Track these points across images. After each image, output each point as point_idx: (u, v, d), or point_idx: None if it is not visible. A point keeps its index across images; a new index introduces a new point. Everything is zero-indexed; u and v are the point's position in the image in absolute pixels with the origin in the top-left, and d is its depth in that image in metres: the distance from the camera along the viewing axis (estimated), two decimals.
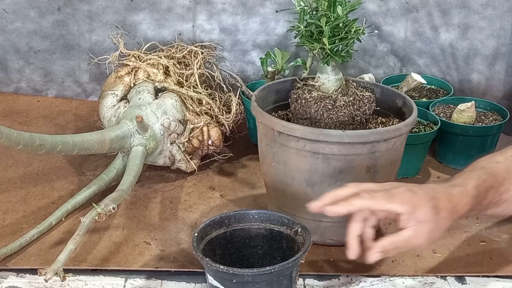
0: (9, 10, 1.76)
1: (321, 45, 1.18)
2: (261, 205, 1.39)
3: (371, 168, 1.19)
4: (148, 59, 1.54)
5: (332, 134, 1.16)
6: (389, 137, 1.18)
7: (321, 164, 1.19)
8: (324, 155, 1.18)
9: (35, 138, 1.18)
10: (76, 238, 1.14)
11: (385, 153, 1.19)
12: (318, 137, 1.16)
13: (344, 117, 1.22)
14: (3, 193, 1.41)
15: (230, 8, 1.73)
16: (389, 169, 1.23)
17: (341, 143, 1.16)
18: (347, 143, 1.16)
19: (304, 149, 1.18)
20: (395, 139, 1.19)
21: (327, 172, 1.19)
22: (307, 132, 1.17)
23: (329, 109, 1.22)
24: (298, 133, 1.18)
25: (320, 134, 1.17)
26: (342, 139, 1.16)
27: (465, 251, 1.26)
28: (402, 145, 1.24)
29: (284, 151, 1.21)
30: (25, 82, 1.83)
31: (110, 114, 1.50)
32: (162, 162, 1.47)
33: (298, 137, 1.18)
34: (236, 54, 1.77)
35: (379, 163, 1.19)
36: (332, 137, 1.16)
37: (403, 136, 1.22)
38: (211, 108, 1.52)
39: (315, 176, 1.20)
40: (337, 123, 1.22)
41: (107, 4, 1.74)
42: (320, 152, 1.18)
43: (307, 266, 1.21)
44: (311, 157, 1.18)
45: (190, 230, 1.31)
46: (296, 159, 1.20)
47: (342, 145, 1.16)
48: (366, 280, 1.19)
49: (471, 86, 1.73)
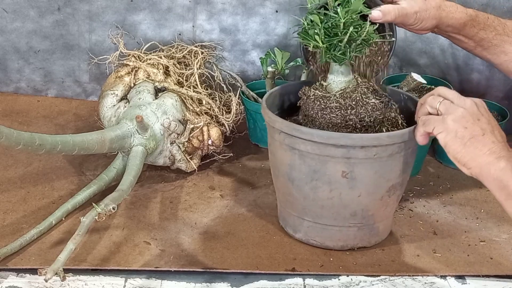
0: (9, 10, 1.76)
1: (315, 43, 1.18)
2: (261, 205, 1.39)
3: (348, 173, 1.18)
4: (148, 59, 1.54)
5: (304, 131, 1.18)
6: (365, 145, 1.15)
7: (298, 160, 1.20)
8: (300, 152, 1.19)
9: (35, 138, 1.18)
10: (76, 238, 1.14)
11: (364, 161, 1.17)
12: (292, 132, 1.18)
13: (336, 119, 1.21)
14: (3, 193, 1.41)
15: (230, 8, 1.73)
16: (374, 180, 1.19)
17: (313, 142, 1.17)
18: (319, 142, 1.17)
19: (284, 143, 1.20)
20: (376, 148, 1.15)
21: (303, 170, 1.20)
22: (284, 125, 1.20)
23: (322, 109, 1.21)
24: (277, 125, 1.21)
25: (293, 129, 1.18)
26: (313, 137, 1.17)
27: (465, 251, 1.27)
28: (395, 158, 1.19)
29: (272, 142, 1.25)
30: (25, 82, 1.83)
31: (110, 114, 1.50)
32: (162, 162, 1.47)
33: (279, 130, 1.20)
34: (236, 54, 1.77)
35: (357, 170, 1.17)
36: (304, 134, 1.17)
37: (388, 147, 1.16)
38: (211, 108, 1.52)
39: (293, 171, 1.22)
40: (330, 124, 1.21)
41: (107, 4, 1.74)
42: (297, 148, 1.19)
43: (307, 266, 1.21)
44: (290, 152, 1.20)
45: (190, 230, 1.31)
46: (280, 152, 1.22)
47: (314, 144, 1.17)
48: (366, 280, 1.19)
49: (471, 86, 1.73)
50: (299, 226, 1.27)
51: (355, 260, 1.23)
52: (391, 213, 1.29)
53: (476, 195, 1.44)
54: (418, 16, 1.28)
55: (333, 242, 1.26)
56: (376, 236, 1.27)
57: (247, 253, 1.24)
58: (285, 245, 1.27)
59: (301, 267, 1.21)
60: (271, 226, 1.32)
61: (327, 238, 1.26)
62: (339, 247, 1.26)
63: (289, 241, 1.28)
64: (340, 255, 1.24)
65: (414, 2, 1.28)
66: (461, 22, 1.34)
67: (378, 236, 1.27)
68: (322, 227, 1.25)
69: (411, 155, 1.22)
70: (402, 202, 1.39)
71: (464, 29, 1.35)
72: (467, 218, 1.36)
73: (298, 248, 1.26)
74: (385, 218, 1.27)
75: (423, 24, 1.30)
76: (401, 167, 1.20)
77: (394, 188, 1.22)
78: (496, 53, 1.38)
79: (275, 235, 1.30)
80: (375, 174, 1.18)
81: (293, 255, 1.24)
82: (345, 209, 1.22)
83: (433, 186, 1.48)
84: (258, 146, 1.62)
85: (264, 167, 1.53)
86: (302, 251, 1.25)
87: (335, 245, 1.26)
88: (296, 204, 1.25)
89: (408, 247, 1.27)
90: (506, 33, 1.37)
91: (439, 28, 1.34)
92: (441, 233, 1.32)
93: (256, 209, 1.38)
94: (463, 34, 1.36)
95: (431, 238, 1.30)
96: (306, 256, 1.24)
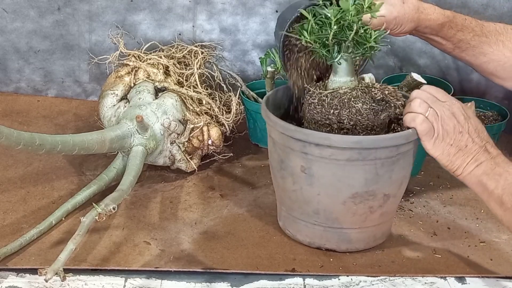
0: (9, 10, 1.76)
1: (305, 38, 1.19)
2: (261, 205, 1.39)
3: (306, 169, 1.19)
4: (148, 59, 1.54)
5: (271, 118, 1.21)
6: (318, 143, 1.15)
7: (272, 147, 1.24)
8: (273, 140, 1.23)
9: (35, 138, 1.18)
10: (76, 238, 1.14)
11: (320, 160, 1.16)
12: (266, 119, 1.22)
13: (317, 116, 1.21)
14: (3, 193, 1.41)
15: (230, 8, 1.73)
16: (333, 182, 1.18)
17: (278, 132, 1.20)
18: (281, 133, 1.19)
19: (266, 127, 1.24)
20: (330, 149, 1.14)
21: (275, 158, 1.23)
22: (262, 110, 1.24)
23: (309, 104, 1.22)
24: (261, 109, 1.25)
25: (266, 116, 1.22)
26: (276, 126, 1.20)
27: (465, 252, 1.26)
28: (356, 165, 1.16)
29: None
30: (25, 82, 1.83)
31: (110, 114, 1.50)
32: (162, 162, 1.47)
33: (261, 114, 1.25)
34: (236, 54, 1.77)
35: (314, 167, 1.18)
36: (271, 122, 1.21)
37: (346, 151, 1.14)
38: (211, 108, 1.52)
39: (271, 158, 1.26)
40: (312, 119, 1.22)
41: (107, 4, 1.74)
42: (271, 135, 1.23)
43: (307, 266, 1.21)
44: (269, 138, 1.25)
45: (190, 230, 1.31)
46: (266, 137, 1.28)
47: (279, 134, 1.20)
48: (366, 280, 1.19)
49: (471, 86, 1.73)
50: (280, 214, 1.31)
51: (355, 261, 1.23)
52: (368, 224, 1.23)
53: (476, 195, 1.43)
54: (397, 21, 1.29)
55: (302, 237, 1.27)
56: (347, 243, 1.25)
57: (247, 253, 1.24)
58: (285, 245, 1.27)
59: (301, 268, 1.21)
60: (271, 226, 1.32)
61: (297, 231, 1.28)
62: (306, 242, 1.27)
63: (289, 241, 1.28)
64: (340, 255, 1.24)
65: (393, 8, 1.28)
66: (439, 24, 1.34)
67: (350, 243, 1.25)
68: (293, 219, 1.27)
69: (382, 167, 1.17)
70: (402, 202, 1.39)
71: (442, 30, 1.35)
72: (467, 219, 1.36)
73: (298, 248, 1.26)
74: (358, 227, 1.23)
75: (402, 28, 1.31)
76: (366, 176, 1.17)
77: (361, 197, 1.19)
78: (474, 54, 1.38)
79: (275, 235, 1.30)
80: (333, 176, 1.18)
81: (293, 255, 1.24)
82: (307, 205, 1.22)
83: (433, 186, 1.48)
84: (258, 146, 1.62)
85: (264, 167, 1.53)
86: (302, 251, 1.25)
87: (303, 240, 1.27)
88: (276, 192, 1.30)
89: (408, 248, 1.27)
90: (484, 34, 1.37)
91: (417, 30, 1.34)
92: (441, 233, 1.32)
93: (256, 209, 1.38)
94: (441, 36, 1.36)
95: (431, 239, 1.30)
96: (306, 257, 1.24)
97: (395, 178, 1.20)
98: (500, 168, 1.14)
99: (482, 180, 1.14)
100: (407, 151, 1.19)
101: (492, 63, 1.38)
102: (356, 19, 1.15)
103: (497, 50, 1.37)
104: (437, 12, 1.34)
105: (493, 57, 1.37)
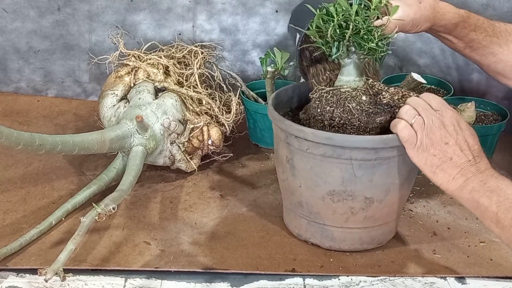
0: (9, 10, 1.76)
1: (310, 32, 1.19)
2: (261, 205, 1.39)
3: (289, 160, 1.20)
4: (148, 59, 1.54)
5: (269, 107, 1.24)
6: (296, 134, 1.18)
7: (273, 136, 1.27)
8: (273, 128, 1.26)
9: (35, 138, 1.18)
10: (76, 238, 1.14)
11: (299, 152, 1.19)
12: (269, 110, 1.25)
13: (313, 111, 1.21)
14: (3, 193, 1.41)
15: (230, 8, 1.73)
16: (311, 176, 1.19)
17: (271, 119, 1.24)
18: (272, 121, 1.24)
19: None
20: (307, 142, 1.16)
21: (274, 146, 1.28)
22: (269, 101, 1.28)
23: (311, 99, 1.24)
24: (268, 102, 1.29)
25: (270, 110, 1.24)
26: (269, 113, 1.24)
27: (465, 252, 1.26)
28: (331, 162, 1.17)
29: None
30: (25, 82, 1.83)
31: (110, 114, 1.50)
32: (162, 162, 1.47)
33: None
34: (236, 54, 1.77)
35: (296, 159, 1.20)
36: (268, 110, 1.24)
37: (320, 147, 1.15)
38: (211, 108, 1.52)
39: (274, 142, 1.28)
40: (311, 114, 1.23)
41: (107, 4, 1.74)
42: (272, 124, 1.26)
43: (307, 266, 1.21)
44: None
45: (190, 230, 1.31)
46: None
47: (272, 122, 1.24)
48: (366, 280, 1.19)
49: (471, 86, 1.73)
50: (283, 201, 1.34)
51: (355, 261, 1.23)
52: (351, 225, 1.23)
53: None
54: (414, 22, 1.28)
55: (291, 227, 1.30)
56: (330, 240, 1.25)
57: (247, 253, 1.24)
58: (285, 245, 1.27)
59: (301, 268, 1.21)
60: (271, 226, 1.32)
61: (288, 221, 1.31)
62: (295, 233, 1.29)
63: (289, 242, 1.28)
64: (340, 256, 1.24)
65: (409, 9, 1.27)
66: (453, 23, 1.34)
67: (334, 241, 1.25)
68: (286, 209, 1.31)
69: (360, 168, 1.17)
70: None
71: (456, 29, 1.35)
72: (467, 219, 1.36)
73: (298, 248, 1.26)
74: (340, 226, 1.23)
75: (418, 28, 1.30)
76: (342, 175, 1.17)
77: (339, 195, 1.19)
78: (484, 54, 1.38)
79: (275, 235, 1.30)
80: (311, 170, 1.19)
81: (293, 255, 1.24)
82: (292, 196, 1.24)
83: (433, 186, 1.45)
84: (258, 146, 1.62)
85: (264, 167, 1.53)
86: (302, 251, 1.25)
87: (293, 230, 1.29)
88: None
89: (408, 248, 1.27)
90: (495, 34, 1.37)
91: (431, 28, 1.34)
92: (441, 233, 1.32)
93: (256, 209, 1.38)
94: (454, 35, 1.36)
95: (431, 239, 1.30)
96: (306, 257, 1.24)
97: (378, 183, 1.18)
98: (491, 183, 1.09)
99: (474, 196, 1.10)
100: (390, 157, 1.17)
101: (501, 63, 1.38)
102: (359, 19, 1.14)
103: (507, 51, 1.37)
104: (453, 11, 1.34)
105: (502, 57, 1.37)
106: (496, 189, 1.09)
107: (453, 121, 1.13)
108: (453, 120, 1.13)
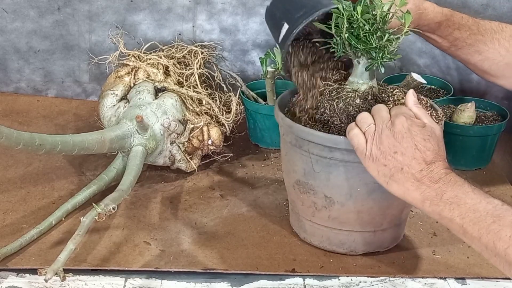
0: (9, 10, 1.76)
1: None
2: (261, 205, 1.39)
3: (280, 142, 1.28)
4: (148, 59, 1.54)
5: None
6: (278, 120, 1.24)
7: None
8: None
9: (35, 138, 1.18)
10: (76, 238, 1.14)
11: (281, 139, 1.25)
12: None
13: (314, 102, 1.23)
14: (3, 193, 1.41)
15: (230, 8, 1.73)
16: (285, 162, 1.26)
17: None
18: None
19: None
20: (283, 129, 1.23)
21: None
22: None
23: None
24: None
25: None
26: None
27: (465, 253, 1.26)
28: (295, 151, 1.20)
29: None
30: (25, 82, 1.83)
31: (110, 114, 1.50)
32: (162, 162, 1.47)
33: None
34: (236, 54, 1.77)
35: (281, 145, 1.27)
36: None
37: (289, 134, 1.20)
38: (211, 108, 1.52)
39: None
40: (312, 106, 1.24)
41: (107, 4, 1.74)
42: None
43: (307, 267, 1.21)
44: None
45: (190, 230, 1.31)
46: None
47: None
48: (366, 281, 1.19)
49: (471, 86, 1.73)
50: None
51: (355, 262, 1.23)
52: (317, 220, 1.23)
53: None
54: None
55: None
56: (303, 232, 1.27)
57: (247, 253, 1.24)
58: (285, 245, 1.27)
59: (301, 268, 1.21)
60: (271, 226, 1.32)
61: None
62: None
63: (289, 242, 1.28)
64: (340, 256, 1.24)
65: None
66: (436, 22, 1.33)
67: (306, 234, 1.26)
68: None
69: (317, 164, 1.17)
70: None
71: (439, 28, 1.34)
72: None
73: (298, 248, 1.26)
74: (309, 220, 1.24)
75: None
76: (304, 166, 1.19)
77: (303, 187, 1.21)
78: (470, 53, 1.37)
79: (275, 236, 1.30)
80: (286, 155, 1.25)
81: (293, 255, 1.24)
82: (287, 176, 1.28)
83: None
84: (258, 146, 1.62)
85: (264, 167, 1.53)
86: (302, 251, 1.25)
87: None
88: None
89: (408, 248, 1.27)
90: (480, 32, 1.36)
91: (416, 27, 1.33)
92: (441, 234, 1.32)
93: (256, 209, 1.38)
94: (438, 34, 1.36)
95: (431, 239, 1.30)
96: (306, 257, 1.24)
97: (336, 184, 1.17)
98: (448, 194, 1.02)
99: (435, 210, 1.03)
100: (348, 161, 1.15)
101: (487, 62, 1.37)
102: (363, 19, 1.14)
103: (493, 49, 1.36)
104: (436, 10, 1.33)
105: (488, 55, 1.37)
106: (455, 200, 1.01)
107: (403, 128, 1.07)
108: (403, 127, 1.07)
